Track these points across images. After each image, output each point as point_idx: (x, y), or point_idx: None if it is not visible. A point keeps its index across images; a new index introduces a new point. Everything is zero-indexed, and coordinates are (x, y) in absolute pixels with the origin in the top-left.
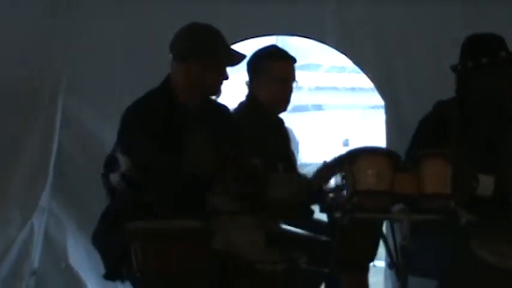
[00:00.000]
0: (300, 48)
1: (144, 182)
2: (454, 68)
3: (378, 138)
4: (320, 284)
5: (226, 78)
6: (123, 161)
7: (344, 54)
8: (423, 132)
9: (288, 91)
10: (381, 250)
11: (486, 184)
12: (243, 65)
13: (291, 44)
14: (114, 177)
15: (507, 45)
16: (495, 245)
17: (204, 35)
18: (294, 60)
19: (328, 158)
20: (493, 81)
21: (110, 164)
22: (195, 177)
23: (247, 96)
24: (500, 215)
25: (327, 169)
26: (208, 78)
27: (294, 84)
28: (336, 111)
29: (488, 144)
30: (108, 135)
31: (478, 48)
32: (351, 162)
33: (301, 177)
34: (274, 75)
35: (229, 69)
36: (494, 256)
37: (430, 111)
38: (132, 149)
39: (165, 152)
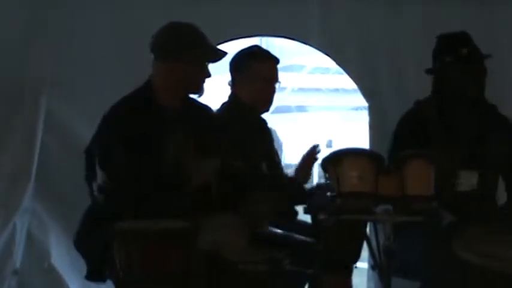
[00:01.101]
0: (283, 49)
1: (120, 192)
2: (429, 71)
3: (361, 139)
4: (303, 285)
5: (209, 76)
6: (99, 174)
7: (327, 55)
8: (402, 133)
9: (271, 91)
10: (364, 251)
11: (467, 180)
12: (226, 66)
13: (274, 44)
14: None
15: None
16: (477, 246)
17: (185, 33)
18: (277, 60)
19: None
20: (469, 75)
21: (89, 168)
22: (176, 178)
23: (230, 97)
24: (483, 214)
25: (303, 160)
26: (190, 77)
27: (277, 85)
28: (319, 112)
29: (468, 140)
30: (90, 136)
31: (454, 43)
32: (334, 163)
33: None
34: (257, 75)
35: (212, 70)
36: (476, 257)
37: (408, 111)
38: (107, 160)
39: (143, 155)
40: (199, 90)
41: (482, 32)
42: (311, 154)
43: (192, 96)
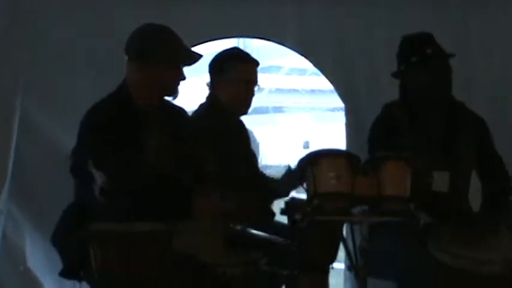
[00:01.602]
0: (261, 50)
1: (121, 190)
2: (395, 74)
3: (338, 140)
4: (280, 287)
5: (183, 78)
6: (97, 175)
7: (304, 56)
8: (374, 138)
9: (250, 93)
10: (341, 252)
11: (441, 180)
12: (203, 67)
13: (252, 46)
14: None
15: None
16: (451, 247)
17: (160, 36)
18: (256, 63)
19: (291, 161)
20: (435, 73)
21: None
22: (154, 180)
23: (208, 98)
24: (457, 214)
25: (292, 176)
26: (165, 79)
27: (256, 88)
28: (296, 113)
29: (438, 140)
30: (67, 138)
31: (417, 43)
32: (311, 164)
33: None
34: (236, 77)
35: (189, 71)
36: (451, 257)
37: (379, 115)
38: (102, 162)
39: (128, 158)
40: (174, 93)
41: (451, 33)
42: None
43: (167, 98)
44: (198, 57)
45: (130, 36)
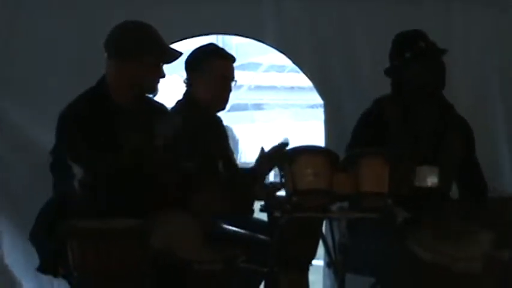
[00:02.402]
0: (240, 47)
1: (100, 184)
2: (387, 71)
3: (317, 137)
4: (259, 283)
5: (163, 76)
6: (77, 170)
7: (283, 53)
8: (362, 132)
9: (227, 90)
10: (320, 249)
11: (423, 175)
12: (182, 65)
13: (231, 43)
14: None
15: None
16: (430, 242)
17: (139, 33)
18: (233, 59)
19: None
20: (429, 68)
21: (57, 160)
22: (132, 177)
23: (185, 95)
24: (440, 211)
25: (266, 158)
26: (144, 77)
27: (233, 84)
28: (275, 110)
29: (428, 138)
30: (42, 136)
31: (411, 39)
32: (290, 161)
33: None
34: (213, 73)
35: (168, 69)
36: (428, 253)
37: (369, 108)
38: (81, 157)
39: (105, 155)
40: (154, 90)
41: (437, 30)
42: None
43: (147, 95)
44: (178, 54)
45: (110, 33)
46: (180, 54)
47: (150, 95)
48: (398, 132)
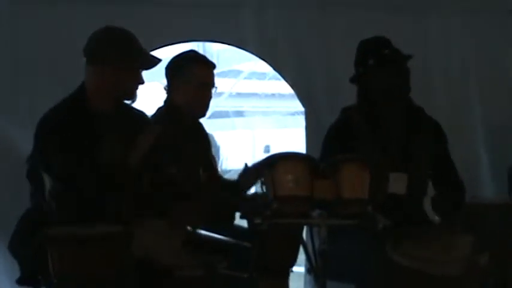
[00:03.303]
0: (221, 54)
1: (68, 196)
2: (353, 79)
3: (298, 144)
4: None
5: (142, 82)
6: (47, 180)
7: (264, 60)
8: (332, 142)
9: (207, 96)
10: (301, 255)
11: (397, 182)
12: (163, 72)
13: (212, 50)
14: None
15: None
16: (409, 248)
17: (119, 39)
18: (213, 65)
19: (249, 161)
20: (394, 75)
21: (33, 168)
22: (111, 184)
23: (165, 102)
24: (414, 217)
25: (250, 173)
26: (123, 83)
27: (213, 90)
28: (256, 117)
29: (397, 144)
30: (21, 139)
31: (375, 46)
32: (270, 168)
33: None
34: (193, 80)
35: (148, 76)
36: (409, 259)
37: (336, 119)
38: (51, 167)
39: (82, 162)
40: (132, 96)
41: (408, 36)
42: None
43: (126, 102)
44: (156, 61)
45: (89, 39)
46: (159, 60)
47: (129, 102)
48: (367, 141)
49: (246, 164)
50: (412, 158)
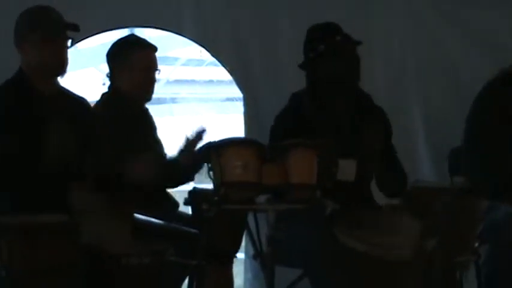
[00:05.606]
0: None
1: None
2: (302, 65)
3: (236, 130)
4: (185, 276)
5: (66, 49)
6: None
7: (202, 46)
8: (280, 128)
9: (152, 80)
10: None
11: (346, 169)
12: (99, 58)
13: (147, 36)
14: None
15: None
16: (357, 232)
17: (29, 14)
18: (155, 48)
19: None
20: (343, 61)
21: None
22: (53, 170)
23: (109, 88)
24: (361, 201)
25: (190, 144)
26: (45, 56)
27: (157, 73)
28: (194, 103)
29: (345, 130)
30: None
31: (325, 32)
32: (218, 153)
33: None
34: (135, 64)
35: (83, 62)
36: (355, 242)
37: (286, 104)
38: None
39: (20, 144)
40: (60, 68)
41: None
42: (196, 136)
43: (61, 83)
44: (71, 27)
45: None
46: (74, 25)
47: (59, 76)
48: (317, 127)
49: (187, 137)
50: (362, 144)
